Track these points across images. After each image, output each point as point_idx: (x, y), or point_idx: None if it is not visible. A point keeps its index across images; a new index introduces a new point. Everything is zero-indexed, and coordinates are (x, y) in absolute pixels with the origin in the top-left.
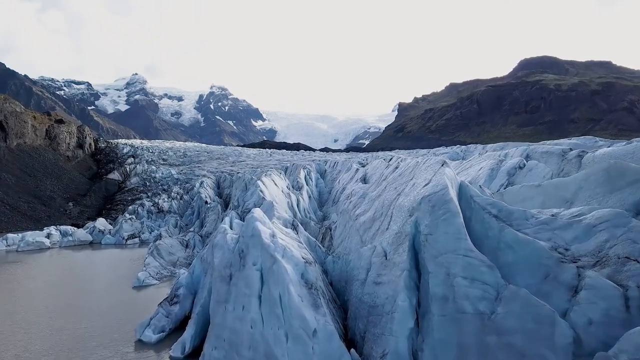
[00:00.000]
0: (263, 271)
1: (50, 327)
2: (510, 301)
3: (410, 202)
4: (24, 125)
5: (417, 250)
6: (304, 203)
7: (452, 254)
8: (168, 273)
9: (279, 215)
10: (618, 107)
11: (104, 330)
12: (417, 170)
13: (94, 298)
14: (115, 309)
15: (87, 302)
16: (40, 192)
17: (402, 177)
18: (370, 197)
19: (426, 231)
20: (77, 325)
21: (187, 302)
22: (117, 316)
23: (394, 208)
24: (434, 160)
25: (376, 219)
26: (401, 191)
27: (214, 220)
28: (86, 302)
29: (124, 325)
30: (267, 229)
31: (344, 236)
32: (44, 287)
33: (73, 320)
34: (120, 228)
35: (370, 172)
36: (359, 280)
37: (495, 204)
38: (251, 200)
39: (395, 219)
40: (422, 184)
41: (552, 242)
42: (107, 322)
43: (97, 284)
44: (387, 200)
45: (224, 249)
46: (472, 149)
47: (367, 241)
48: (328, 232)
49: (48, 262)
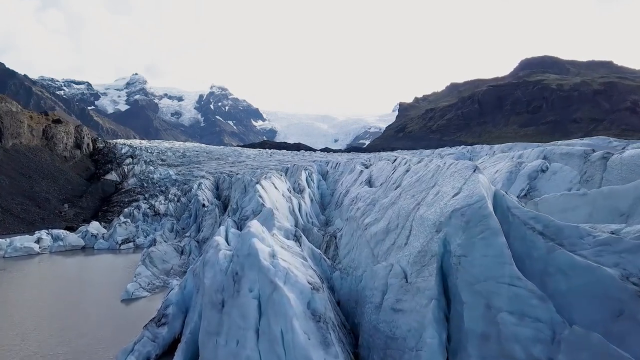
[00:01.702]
0: (261, 299)
1: (18, 353)
2: (576, 348)
3: (436, 215)
4: (19, 125)
5: (445, 273)
6: (305, 207)
7: (494, 282)
8: (161, 283)
9: (279, 224)
10: (621, 107)
11: (83, 356)
12: (440, 176)
13: (76, 314)
14: (99, 327)
15: (67, 319)
16: (35, 193)
17: (421, 183)
18: (382, 205)
19: (459, 252)
20: (52, 350)
21: (176, 323)
22: (99, 337)
23: (413, 220)
24: (463, 165)
25: (390, 231)
26: (421, 200)
27: (211, 224)
28: (67, 319)
29: (106, 350)
30: (265, 247)
31: (351, 246)
32: (22, 301)
33: (48, 344)
34: (114, 232)
35: (376, 174)
36: (373, 304)
37: (539, 218)
38: (249, 206)
39: (417, 234)
40: (450, 193)
41: (621, 268)
42: (87, 345)
43: (83, 296)
44: (404, 209)
45: (215, 269)
46: (479, 150)
47: (379, 256)
48: (333, 240)
49: (34, 270)
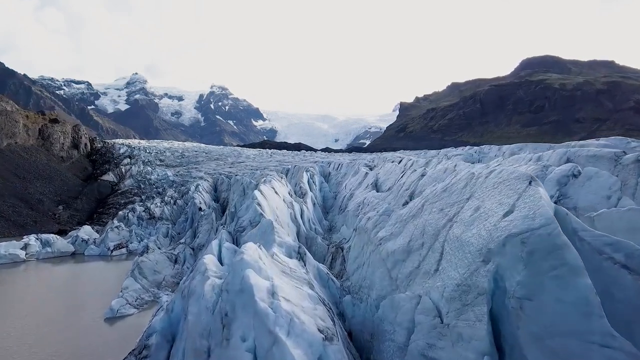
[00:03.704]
0: (257, 354)
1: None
2: None
3: (481, 239)
4: (14, 124)
5: (496, 317)
6: (308, 213)
7: (577, 339)
8: (150, 298)
9: (280, 240)
10: (624, 106)
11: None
12: (478, 187)
13: (50, 338)
14: (73, 356)
15: (38, 346)
16: (29, 195)
17: (450, 194)
18: (399, 217)
19: (520, 292)
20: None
21: (160, 355)
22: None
23: (445, 241)
24: (510, 174)
25: (413, 251)
26: (453, 216)
27: (207, 230)
28: (38, 346)
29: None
30: (263, 282)
31: (361, 261)
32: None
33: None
34: (106, 237)
35: (383, 177)
36: (395, 343)
37: (619, 245)
38: (246, 216)
39: (452, 260)
40: (498, 211)
41: None
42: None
43: (62, 313)
44: (430, 226)
45: (201, 305)
46: (487, 151)
47: (399, 279)
48: (339, 252)
49: (16, 279)
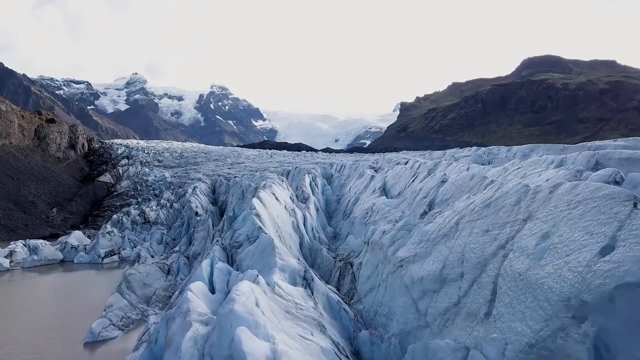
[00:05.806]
0: None
1: None
2: None
3: (568, 284)
4: (9, 124)
5: None
6: (311, 220)
7: None
8: (138, 316)
9: (282, 263)
10: (628, 106)
11: None
12: (540, 204)
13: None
14: None
15: None
16: (22, 197)
17: (497, 211)
18: (425, 234)
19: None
20: None
21: None
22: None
23: (499, 275)
24: (597, 190)
25: (449, 281)
26: (507, 242)
27: (203, 237)
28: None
29: None
30: (260, 345)
31: (375, 282)
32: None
33: None
34: (97, 244)
35: (392, 181)
36: None
37: None
38: (243, 229)
39: (514, 304)
40: (591, 243)
41: None
42: None
43: (35, 336)
44: (473, 251)
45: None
46: (496, 152)
47: (430, 315)
48: (348, 268)
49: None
